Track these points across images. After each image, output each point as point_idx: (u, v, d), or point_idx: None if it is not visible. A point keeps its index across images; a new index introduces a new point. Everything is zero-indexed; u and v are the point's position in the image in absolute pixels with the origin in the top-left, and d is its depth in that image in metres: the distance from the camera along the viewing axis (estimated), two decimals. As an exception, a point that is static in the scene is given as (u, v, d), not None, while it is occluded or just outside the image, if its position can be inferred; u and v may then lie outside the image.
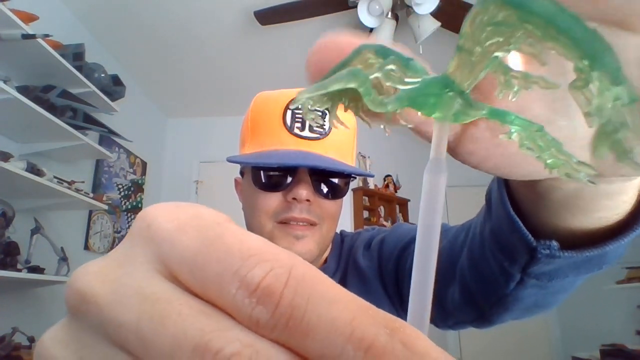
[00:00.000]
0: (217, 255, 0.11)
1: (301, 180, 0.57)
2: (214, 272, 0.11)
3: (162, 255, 0.12)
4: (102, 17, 2.50)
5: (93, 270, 0.13)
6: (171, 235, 0.12)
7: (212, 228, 0.12)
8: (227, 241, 0.11)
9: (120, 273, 0.13)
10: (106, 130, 2.23)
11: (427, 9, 2.03)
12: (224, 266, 0.11)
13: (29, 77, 1.98)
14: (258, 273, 0.10)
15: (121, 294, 0.12)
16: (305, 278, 0.10)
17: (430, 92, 0.13)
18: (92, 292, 0.12)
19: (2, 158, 1.63)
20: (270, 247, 0.11)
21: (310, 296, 0.10)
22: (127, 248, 0.13)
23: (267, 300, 0.10)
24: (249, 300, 0.10)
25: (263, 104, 0.62)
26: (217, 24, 2.58)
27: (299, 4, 2.18)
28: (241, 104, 3.46)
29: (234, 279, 0.11)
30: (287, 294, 0.10)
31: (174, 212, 0.13)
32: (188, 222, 0.13)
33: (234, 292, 0.10)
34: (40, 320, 2.08)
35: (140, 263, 0.13)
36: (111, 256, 0.14)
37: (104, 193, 2.62)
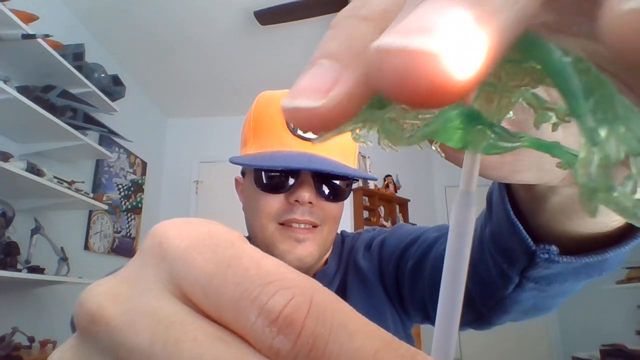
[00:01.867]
0: (234, 279, 0.11)
1: (304, 183, 0.57)
2: (230, 297, 0.11)
3: (174, 275, 0.12)
4: (102, 17, 2.50)
5: (103, 289, 0.13)
6: (184, 254, 0.12)
7: (226, 248, 0.12)
8: (244, 264, 0.11)
9: (132, 293, 0.12)
10: (106, 130, 2.23)
11: (427, 9, 2.03)
12: (241, 291, 0.11)
13: (29, 77, 1.98)
14: (279, 301, 0.10)
15: (133, 315, 0.12)
16: (326, 307, 0.10)
17: (454, 126, 0.12)
18: (102, 313, 0.12)
19: (2, 158, 1.63)
20: (289, 271, 0.11)
21: (332, 326, 0.10)
22: (137, 266, 0.13)
23: (288, 330, 0.10)
24: (269, 329, 0.10)
25: (266, 104, 0.62)
26: (217, 24, 2.58)
27: (299, 4, 2.18)
28: (241, 104, 3.47)
29: (253, 306, 0.10)
30: (309, 324, 0.10)
31: (185, 230, 0.13)
32: (201, 240, 0.12)
33: (254, 320, 0.10)
34: (40, 320, 2.08)
35: (153, 282, 0.12)
36: (121, 274, 0.13)
37: (104, 193, 2.62)
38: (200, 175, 3.64)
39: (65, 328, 2.07)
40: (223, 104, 3.56)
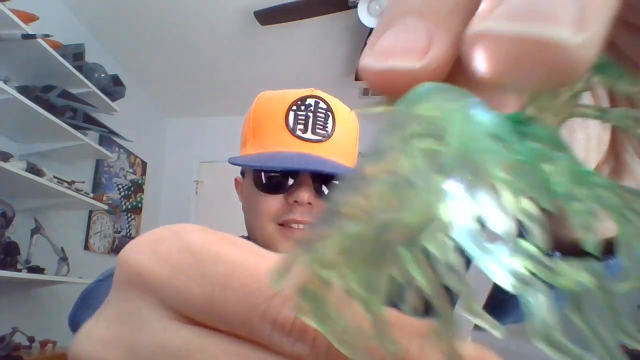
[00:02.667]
0: (236, 299, 0.11)
1: (303, 183, 0.56)
2: (238, 316, 0.11)
3: (167, 302, 0.12)
4: (102, 17, 2.50)
5: (98, 337, 0.12)
6: (171, 281, 0.12)
7: (215, 264, 0.11)
8: (240, 280, 0.11)
9: (132, 334, 0.12)
10: (106, 130, 2.23)
11: (427, 9, 2.03)
12: (248, 309, 0.10)
13: (29, 77, 1.98)
14: (288, 314, 0.10)
15: (142, 358, 0.11)
16: None
17: None
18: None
19: (2, 158, 1.63)
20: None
21: None
22: (122, 301, 0.12)
23: (304, 337, 0.10)
24: (286, 339, 0.10)
25: (265, 104, 0.62)
26: (217, 24, 2.58)
27: (299, 4, 2.18)
28: (241, 104, 3.47)
29: (264, 322, 0.10)
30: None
31: (160, 252, 0.12)
32: (183, 261, 0.12)
33: (269, 333, 0.10)
34: (40, 320, 2.08)
35: (148, 316, 0.12)
36: (108, 316, 0.13)
37: (104, 193, 2.62)
38: (200, 175, 3.64)
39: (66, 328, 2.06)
40: (223, 104, 3.55)
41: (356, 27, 2.49)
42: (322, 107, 0.60)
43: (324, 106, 0.60)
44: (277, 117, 0.59)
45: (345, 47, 2.82)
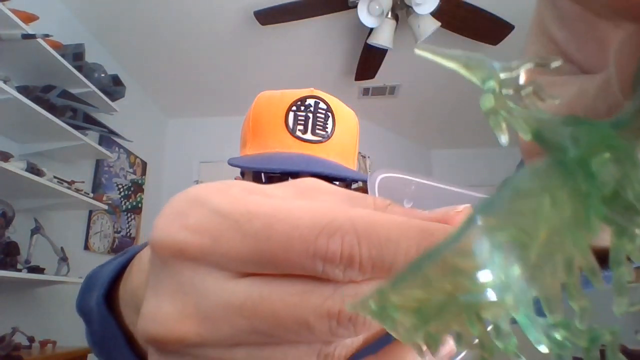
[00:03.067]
0: (282, 247, 0.12)
1: None
2: (288, 261, 0.12)
3: (219, 265, 0.13)
4: (102, 17, 2.50)
5: (165, 314, 0.13)
6: (215, 249, 0.12)
7: (248, 221, 0.12)
8: (279, 230, 0.12)
9: (197, 302, 0.12)
10: (106, 130, 2.23)
11: (427, 9, 2.03)
12: (296, 254, 0.12)
13: (29, 77, 1.98)
14: (335, 248, 0.12)
15: (217, 318, 0.12)
16: (368, 229, 0.12)
17: None
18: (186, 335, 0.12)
19: (2, 158, 1.63)
20: (320, 213, 0.12)
21: (380, 243, 0.12)
22: (173, 276, 0.13)
23: (352, 264, 0.12)
24: (338, 269, 0.12)
25: (265, 105, 0.62)
26: (217, 24, 2.58)
27: (299, 4, 2.18)
28: (241, 104, 3.46)
29: (316, 260, 0.12)
30: (364, 253, 0.12)
31: (190, 225, 0.13)
32: (217, 227, 0.12)
33: (322, 269, 0.12)
34: (40, 320, 2.08)
35: (205, 281, 0.13)
36: (167, 291, 0.13)
37: (104, 193, 2.62)
38: (200, 175, 3.64)
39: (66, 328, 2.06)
40: (223, 104, 3.55)
41: (356, 27, 2.49)
42: (322, 108, 0.60)
43: (324, 106, 0.60)
44: (277, 117, 0.59)
45: (345, 47, 2.81)
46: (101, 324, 0.31)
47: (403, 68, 3.03)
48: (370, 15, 2.12)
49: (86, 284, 0.39)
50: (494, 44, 2.46)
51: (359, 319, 0.12)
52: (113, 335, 0.30)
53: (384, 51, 2.52)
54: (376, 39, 2.27)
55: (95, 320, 0.33)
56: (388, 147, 4.02)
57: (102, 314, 0.31)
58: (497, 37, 2.39)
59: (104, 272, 0.34)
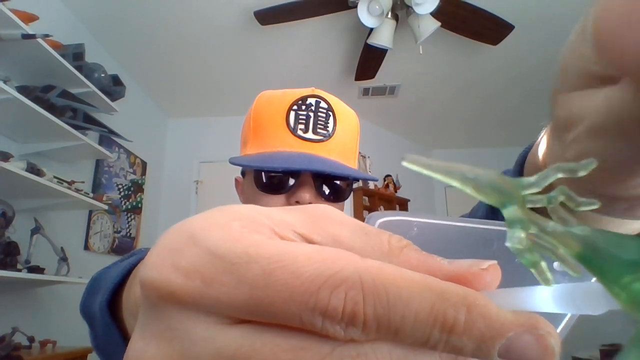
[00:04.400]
0: (280, 297, 0.11)
1: (304, 183, 0.56)
2: (285, 312, 0.11)
3: (210, 310, 0.12)
4: (102, 17, 2.50)
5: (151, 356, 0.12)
6: (207, 293, 0.11)
7: (246, 266, 0.11)
8: (279, 278, 0.11)
9: (184, 349, 0.12)
10: (106, 130, 2.23)
11: (427, 9, 2.03)
12: (295, 305, 0.11)
13: (29, 77, 1.98)
14: (336, 304, 0.11)
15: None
16: (377, 285, 0.11)
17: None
18: None
19: (2, 158, 1.63)
20: (325, 263, 0.11)
21: (388, 301, 0.11)
22: (162, 319, 0.12)
23: (354, 322, 0.11)
24: (338, 327, 0.11)
25: (266, 104, 0.62)
26: (217, 24, 2.58)
27: (299, 4, 2.18)
28: (241, 104, 3.47)
29: (314, 315, 0.11)
30: (369, 311, 0.11)
31: (182, 265, 0.12)
32: (211, 270, 0.11)
33: (321, 325, 0.11)
34: (40, 320, 2.08)
35: (194, 327, 0.12)
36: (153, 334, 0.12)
37: (104, 193, 2.62)
38: (200, 175, 3.64)
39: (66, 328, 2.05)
40: (223, 104, 3.55)
41: (356, 27, 2.49)
42: (323, 107, 0.60)
43: (325, 106, 0.60)
44: (278, 116, 0.59)
45: (345, 47, 2.82)
46: (104, 329, 0.31)
47: (403, 68, 3.03)
48: (370, 15, 2.12)
49: (90, 286, 0.39)
50: (494, 44, 2.46)
51: None
52: (115, 341, 0.30)
53: (384, 51, 2.52)
54: (376, 39, 2.27)
55: (98, 324, 0.33)
56: (388, 147, 4.02)
57: (105, 320, 0.31)
58: (497, 37, 2.39)
59: (108, 276, 0.34)
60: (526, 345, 0.11)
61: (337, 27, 2.58)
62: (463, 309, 0.11)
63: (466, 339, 0.11)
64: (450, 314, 0.11)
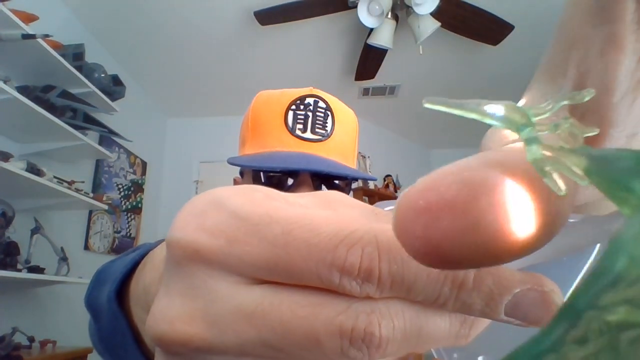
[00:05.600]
0: (300, 255, 0.11)
1: (303, 183, 0.56)
2: (304, 270, 0.11)
3: (232, 269, 0.12)
4: (102, 17, 2.50)
5: (175, 315, 0.13)
6: (230, 252, 0.12)
7: (267, 225, 0.12)
8: (299, 236, 0.12)
9: (207, 305, 0.12)
10: (106, 130, 2.23)
11: (427, 9, 2.03)
12: (314, 262, 0.11)
13: (29, 77, 1.98)
14: (353, 260, 0.11)
15: (224, 323, 0.12)
16: (391, 244, 0.11)
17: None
18: (192, 339, 0.12)
19: (2, 158, 1.63)
20: (341, 224, 0.12)
21: (402, 259, 0.11)
22: (186, 277, 0.13)
23: (370, 278, 0.11)
24: (355, 282, 0.11)
25: (264, 104, 0.61)
26: (217, 24, 2.58)
27: (299, 4, 2.18)
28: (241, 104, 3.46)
29: (332, 271, 0.11)
30: (384, 268, 0.11)
31: (207, 226, 0.13)
32: (234, 230, 0.12)
33: (338, 281, 0.11)
34: (40, 320, 2.08)
35: (217, 285, 0.12)
36: (178, 292, 0.13)
37: (104, 193, 2.62)
38: (200, 175, 3.64)
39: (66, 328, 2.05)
40: (223, 104, 3.55)
41: (356, 27, 2.49)
42: (321, 107, 0.60)
43: (323, 105, 0.60)
44: (276, 116, 0.59)
45: (345, 47, 2.81)
46: (110, 320, 0.31)
47: (403, 68, 3.03)
48: (370, 15, 2.12)
49: (96, 278, 0.39)
50: (494, 44, 2.46)
51: (373, 341, 0.11)
52: (121, 331, 0.30)
53: (384, 51, 2.52)
54: (376, 39, 2.27)
55: (104, 316, 0.33)
56: (388, 147, 4.02)
57: (113, 309, 0.31)
58: (497, 37, 2.39)
59: (115, 268, 0.34)
60: (531, 302, 0.11)
61: (337, 27, 2.58)
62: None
63: (475, 296, 0.11)
64: (460, 272, 0.11)
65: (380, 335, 0.11)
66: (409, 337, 0.12)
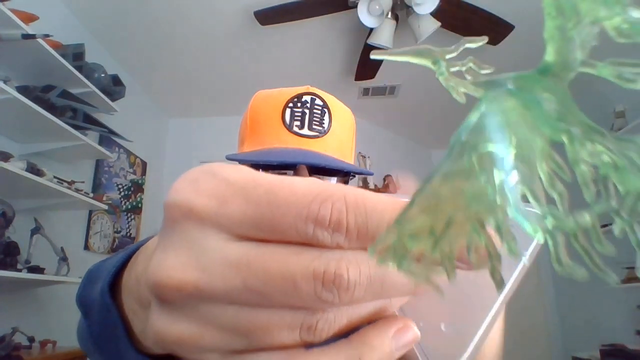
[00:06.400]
0: (280, 211, 0.13)
1: None
2: (283, 224, 0.13)
3: (221, 226, 0.14)
4: (102, 17, 2.50)
5: (170, 265, 0.14)
6: (221, 210, 0.14)
7: (253, 188, 0.14)
8: (280, 195, 0.14)
9: (198, 257, 0.14)
10: (106, 130, 2.23)
11: (427, 9, 2.03)
12: (292, 216, 0.13)
13: (29, 77, 1.98)
14: (325, 213, 0.13)
15: (214, 271, 0.14)
16: (357, 200, 0.14)
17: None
18: (185, 285, 0.14)
19: (2, 158, 1.63)
20: (315, 185, 0.14)
21: (366, 213, 0.13)
22: (181, 233, 0.15)
23: (339, 228, 0.13)
24: (326, 232, 0.13)
25: (262, 102, 0.62)
26: (217, 24, 2.58)
27: (299, 4, 2.18)
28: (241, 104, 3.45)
29: (307, 223, 0.13)
30: (351, 219, 0.13)
31: (201, 189, 0.15)
32: (225, 192, 0.14)
33: (312, 232, 0.13)
34: (40, 320, 2.08)
35: (208, 240, 0.14)
36: (173, 246, 0.15)
37: (104, 193, 2.62)
38: (200, 175, 3.64)
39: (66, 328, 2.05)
40: (223, 104, 3.55)
41: (356, 27, 2.49)
42: (318, 104, 0.61)
43: (320, 103, 0.61)
44: (274, 114, 0.59)
45: (345, 47, 2.81)
46: (102, 313, 0.31)
47: (403, 68, 3.03)
48: (370, 15, 2.12)
49: (87, 277, 0.39)
50: (494, 44, 2.46)
51: (342, 283, 0.13)
52: (113, 324, 0.30)
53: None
54: (376, 39, 2.27)
55: (95, 311, 0.33)
56: (388, 147, 4.02)
57: (105, 302, 0.31)
58: (497, 37, 2.39)
59: (108, 264, 0.34)
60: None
61: (337, 27, 2.58)
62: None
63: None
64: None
65: (348, 277, 0.13)
66: (374, 283, 0.14)
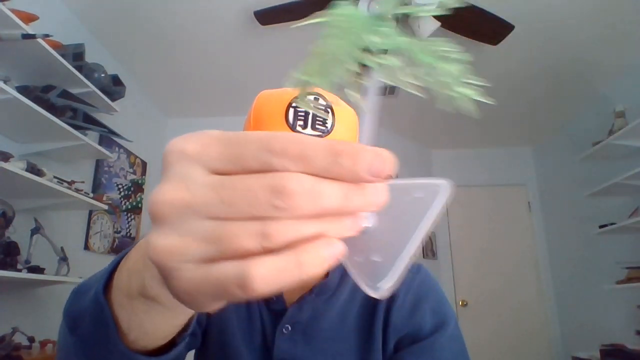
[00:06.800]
0: (247, 147, 0.18)
1: None
2: (249, 155, 0.18)
3: (205, 163, 0.19)
4: (102, 17, 2.50)
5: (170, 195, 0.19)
6: (204, 151, 0.19)
7: (229, 137, 0.19)
8: (249, 138, 0.19)
9: (188, 184, 0.19)
10: (106, 130, 2.23)
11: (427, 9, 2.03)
12: (256, 149, 0.18)
13: (29, 77, 1.98)
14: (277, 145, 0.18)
15: (198, 192, 0.18)
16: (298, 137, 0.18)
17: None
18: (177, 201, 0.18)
19: (2, 158, 1.63)
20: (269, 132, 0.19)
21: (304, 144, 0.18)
22: (176, 170, 0.19)
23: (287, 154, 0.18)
24: (277, 160, 0.18)
25: (265, 103, 0.62)
26: (217, 24, 2.58)
27: (299, 4, 2.18)
28: (241, 104, 3.48)
29: (265, 153, 0.18)
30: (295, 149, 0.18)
31: (192, 139, 0.20)
32: (210, 141, 0.19)
33: (270, 159, 0.18)
34: (40, 320, 2.08)
35: (195, 173, 0.19)
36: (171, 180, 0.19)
37: (104, 193, 2.62)
38: (200, 175, 3.64)
39: (65, 328, 2.03)
40: (223, 104, 3.56)
41: (356, 27, 2.49)
42: (321, 103, 0.61)
43: (324, 102, 0.61)
44: (277, 113, 0.59)
45: (345, 47, 2.81)
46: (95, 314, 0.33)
47: (403, 68, 3.03)
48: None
49: (76, 292, 0.43)
50: (494, 44, 2.46)
51: (287, 192, 0.17)
52: (105, 323, 0.32)
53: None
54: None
55: (88, 314, 0.35)
56: (388, 147, 3.94)
57: (99, 300, 0.33)
58: (497, 37, 2.39)
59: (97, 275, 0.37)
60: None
61: (337, 27, 2.58)
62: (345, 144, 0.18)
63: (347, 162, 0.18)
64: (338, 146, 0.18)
65: (292, 188, 0.17)
66: (315, 195, 0.17)
